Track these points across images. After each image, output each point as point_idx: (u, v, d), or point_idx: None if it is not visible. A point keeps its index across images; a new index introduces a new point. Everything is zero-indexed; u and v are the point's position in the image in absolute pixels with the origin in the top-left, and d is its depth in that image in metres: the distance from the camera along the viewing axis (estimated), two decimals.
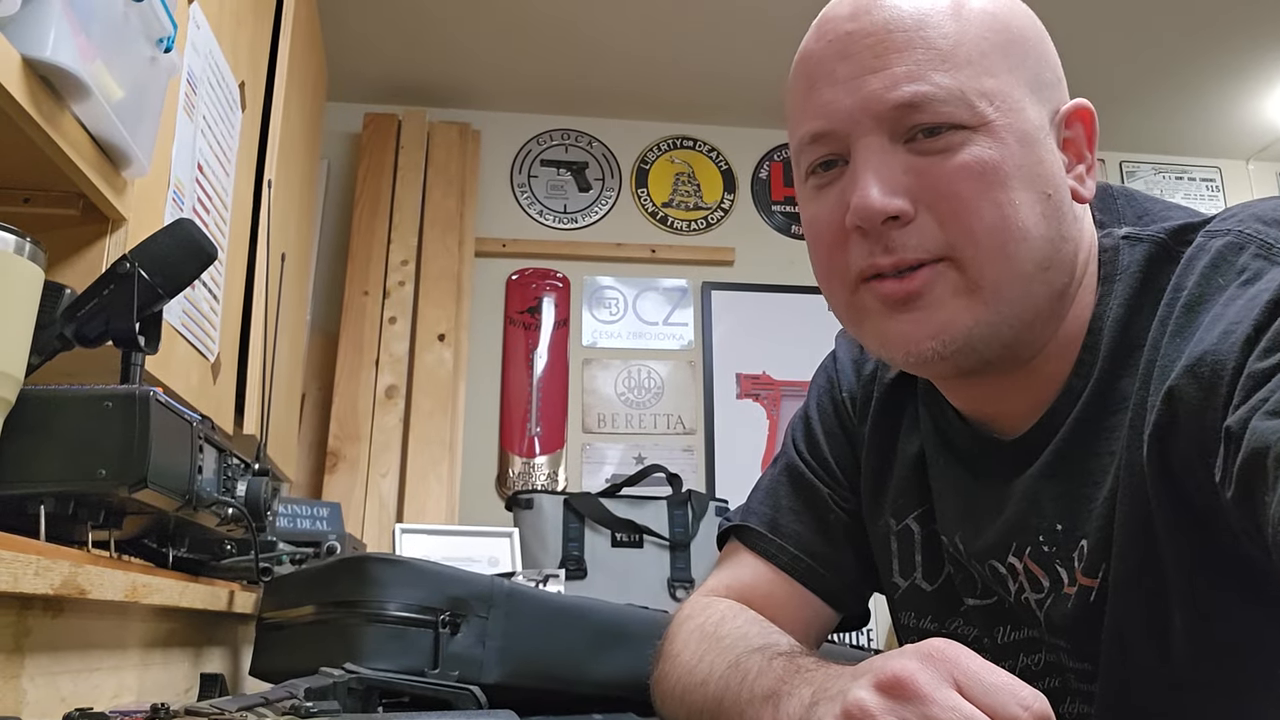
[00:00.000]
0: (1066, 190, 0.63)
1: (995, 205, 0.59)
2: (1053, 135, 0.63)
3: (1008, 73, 0.61)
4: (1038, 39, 0.65)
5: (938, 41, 0.60)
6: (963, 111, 0.59)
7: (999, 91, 0.60)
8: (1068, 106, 0.65)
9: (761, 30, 2.79)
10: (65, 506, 0.70)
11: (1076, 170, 0.64)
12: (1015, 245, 0.60)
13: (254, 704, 0.53)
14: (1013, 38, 0.62)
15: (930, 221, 0.61)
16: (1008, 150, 0.60)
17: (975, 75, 0.60)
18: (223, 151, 1.44)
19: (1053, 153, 0.63)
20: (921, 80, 0.59)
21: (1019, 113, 0.61)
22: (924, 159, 0.60)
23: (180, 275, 0.84)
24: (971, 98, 0.59)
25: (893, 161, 0.61)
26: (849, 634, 1.47)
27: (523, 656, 0.82)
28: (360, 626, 0.77)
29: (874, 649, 0.58)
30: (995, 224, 0.59)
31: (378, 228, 2.88)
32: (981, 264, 0.60)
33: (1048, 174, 0.61)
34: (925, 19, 0.61)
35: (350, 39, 2.78)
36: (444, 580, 0.81)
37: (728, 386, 3.10)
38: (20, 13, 0.74)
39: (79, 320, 0.79)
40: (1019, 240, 0.60)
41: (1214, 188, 3.59)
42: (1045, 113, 0.63)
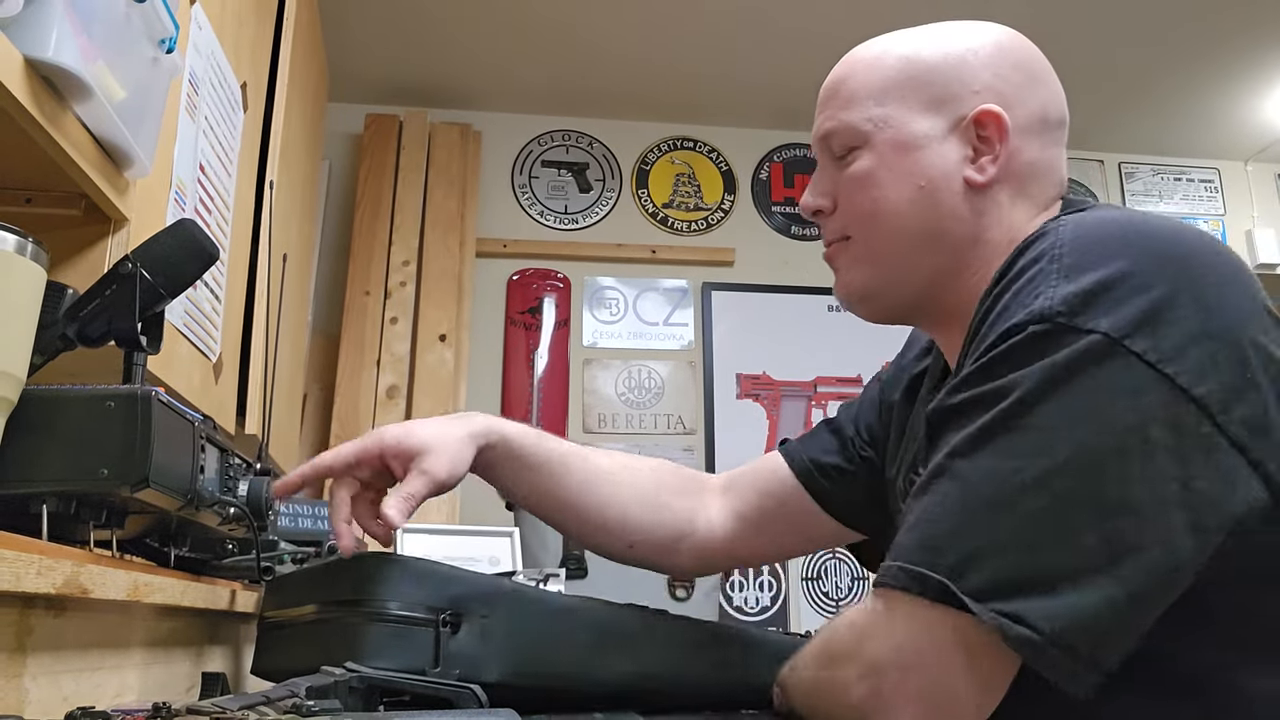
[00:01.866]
0: (954, 180, 0.78)
1: (869, 199, 0.80)
2: (953, 137, 0.78)
3: (898, 100, 0.79)
4: (948, 66, 0.79)
5: (849, 88, 0.82)
6: (854, 137, 0.81)
7: (883, 115, 0.79)
8: (974, 112, 0.77)
9: (761, 31, 2.79)
10: (67, 506, 0.70)
11: (980, 162, 0.78)
12: (884, 225, 0.79)
13: (255, 703, 0.53)
14: (912, 73, 0.80)
15: (838, 214, 0.83)
16: (882, 159, 0.79)
17: (867, 107, 0.80)
18: (224, 152, 1.44)
19: (939, 153, 0.78)
20: (831, 120, 0.82)
21: (899, 128, 0.79)
22: (840, 172, 0.82)
23: (182, 275, 0.85)
24: (859, 125, 0.80)
25: (826, 175, 0.84)
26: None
27: (524, 656, 0.82)
28: (361, 626, 0.77)
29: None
30: (869, 211, 0.80)
31: (379, 228, 2.89)
32: (864, 240, 0.81)
33: (923, 170, 0.78)
34: (849, 76, 0.83)
35: (352, 40, 2.78)
36: (445, 580, 0.81)
37: (728, 387, 3.10)
38: (22, 13, 0.74)
39: (81, 320, 0.80)
40: (888, 221, 0.79)
41: (1213, 189, 3.59)
42: (942, 122, 0.78)
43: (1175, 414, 0.57)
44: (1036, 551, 0.56)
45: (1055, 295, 0.60)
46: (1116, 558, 0.55)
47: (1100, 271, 0.60)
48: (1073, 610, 0.55)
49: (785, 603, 2.96)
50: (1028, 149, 0.79)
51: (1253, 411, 0.58)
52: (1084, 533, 0.56)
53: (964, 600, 0.55)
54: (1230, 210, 3.57)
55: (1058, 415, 0.58)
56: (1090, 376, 0.58)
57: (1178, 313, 0.59)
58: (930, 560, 0.58)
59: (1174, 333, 0.58)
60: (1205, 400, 0.57)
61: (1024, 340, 0.60)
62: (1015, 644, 0.54)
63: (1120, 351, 0.58)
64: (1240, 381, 0.58)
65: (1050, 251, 0.63)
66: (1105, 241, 0.62)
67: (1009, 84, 0.79)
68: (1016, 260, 0.66)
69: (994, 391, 0.60)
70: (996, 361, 0.61)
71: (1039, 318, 0.60)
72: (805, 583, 3.00)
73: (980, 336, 0.65)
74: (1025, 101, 0.80)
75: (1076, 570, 0.55)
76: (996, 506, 0.57)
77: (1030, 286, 0.62)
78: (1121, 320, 0.58)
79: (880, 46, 0.84)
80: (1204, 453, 0.57)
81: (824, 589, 3.00)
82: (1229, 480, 0.57)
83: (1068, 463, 0.57)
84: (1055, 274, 0.62)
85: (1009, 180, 0.78)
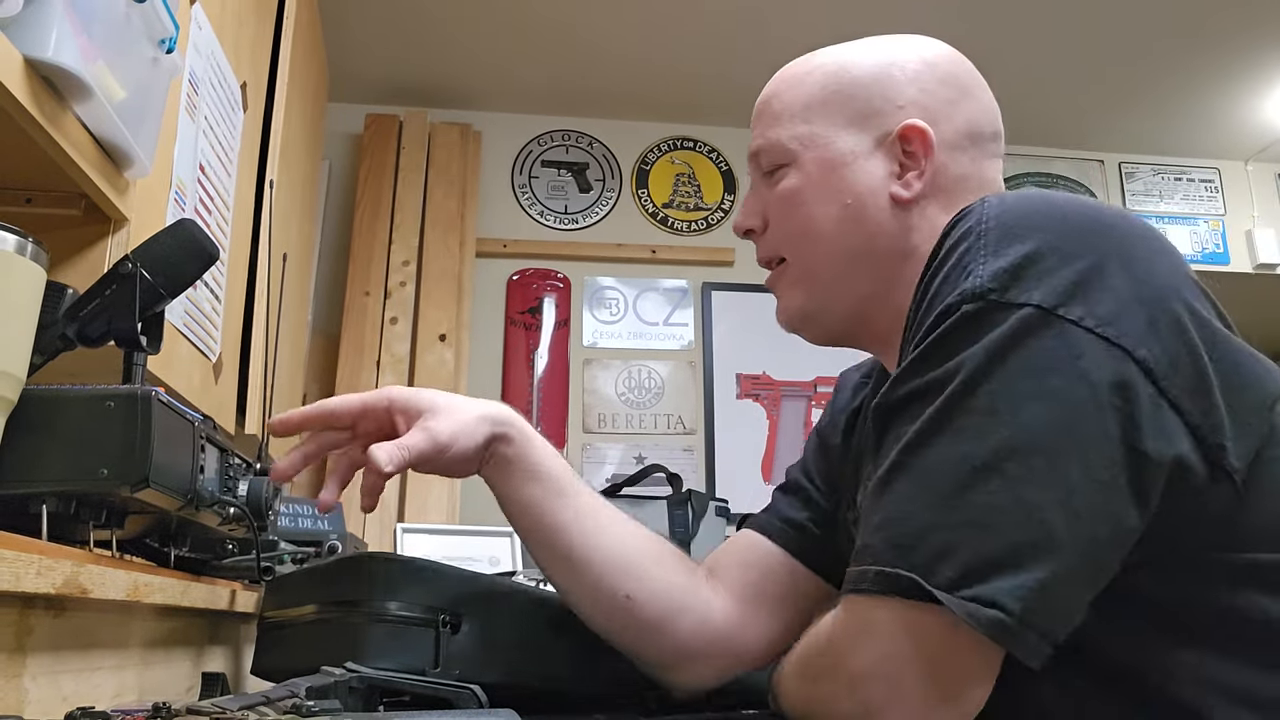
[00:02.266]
0: (880, 196, 0.78)
1: (798, 218, 0.80)
2: (879, 153, 0.78)
3: (823, 118, 0.80)
4: (873, 82, 0.80)
5: (775, 107, 0.83)
6: (782, 155, 0.81)
7: (809, 134, 0.80)
8: (899, 127, 0.77)
9: (761, 31, 2.79)
10: (67, 506, 0.70)
11: (906, 177, 0.78)
12: (815, 245, 0.80)
13: (255, 703, 0.53)
14: (837, 89, 0.80)
15: (769, 233, 0.83)
16: (808, 177, 0.79)
17: (793, 125, 0.81)
18: (224, 152, 1.44)
19: (864, 170, 0.78)
20: (760, 138, 0.83)
21: (825, 145, 0.79)
22: (769, 190, 0.82)
23: (182, 275, 0.85)
24: (786, 142, 0.81)
25: (756, 194, 0.85)
26: None
27: (524, 656, 0.82)
28: (361, 626, 0.77)
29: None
30: (798, 231, 0.80)
31: (379, 228, 2.89)
32: (797, 261, 0.82)
33: (849, 186, 0.78)
34: (775, 94, 0.83)
35: (352, 40, 2.78)
36: (445, 579, 0.81)
37: (728, 387, 3.10)
38: (22, 13, 0.74)
39: (81, 320, 0.80)
40: (818, 240, 0.79)
41: (1213, 189, 3.59)
42: (867, 138, 0.79)
43: (1120, 375, 0.57)
44: (998, 532, 0.55)
45: (984, 272, 0.60)
46: (1073, 527, 0.55)
47: (1027, 244, 0.60)
48: (1039, 583, 0.54)
49: None
50: (956, 163, 0.79)
51: (1191, 375, 0.58)
52: (1042, 510, 0.55)
53: (935, 594, 0.55)
54: (1230, 210, 3.57)
55: (1002, 394, 0.57)
56: (1028, 350, 0.57)
57: (1109, 279, 0.59)
58: (898, 559, 0.57)
59: (1108, 298, 0.58)
60: (1148, 362, 0.57)
61: (958, 321, 0.60)
62: (987, 628, 0.54)
63: (1055, 321, 0.57)
64: (1178, 345, 0.58)
65: (976, 229, 0.62)
66: (1030, 215, 0.62)
67: (935, 99, 0.79)
68: (944, 242, 0.65)
69: (937, 380, 0.60)
70: (934, 346, 0.61)
71: (971, 296, 0.59)
72: None
73: (918, 323, 0.64)
74: (952, 116, 0.79)
75: (1036, 547, 0.55)
76: (955, 495, 0.57)
77: (959, 266, 0.62)
78: (1053, 290, 0.58)
79: (809, 63, 0.84)
80: (1149, 414, 0.57)
81: None
82: (1170, 442, 0.57)
83: (1017, 440, 0.56)
84: (982, 250, 0.61)
85: (937, 195, 0.77)
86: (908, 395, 0.62)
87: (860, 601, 0.60)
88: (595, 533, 0.83)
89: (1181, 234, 3.51)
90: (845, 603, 0.62)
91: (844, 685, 0.61)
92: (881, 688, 0.58)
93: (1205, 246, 3.51)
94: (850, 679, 0.60)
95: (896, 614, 0.57)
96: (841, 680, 0.61)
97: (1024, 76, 2.99)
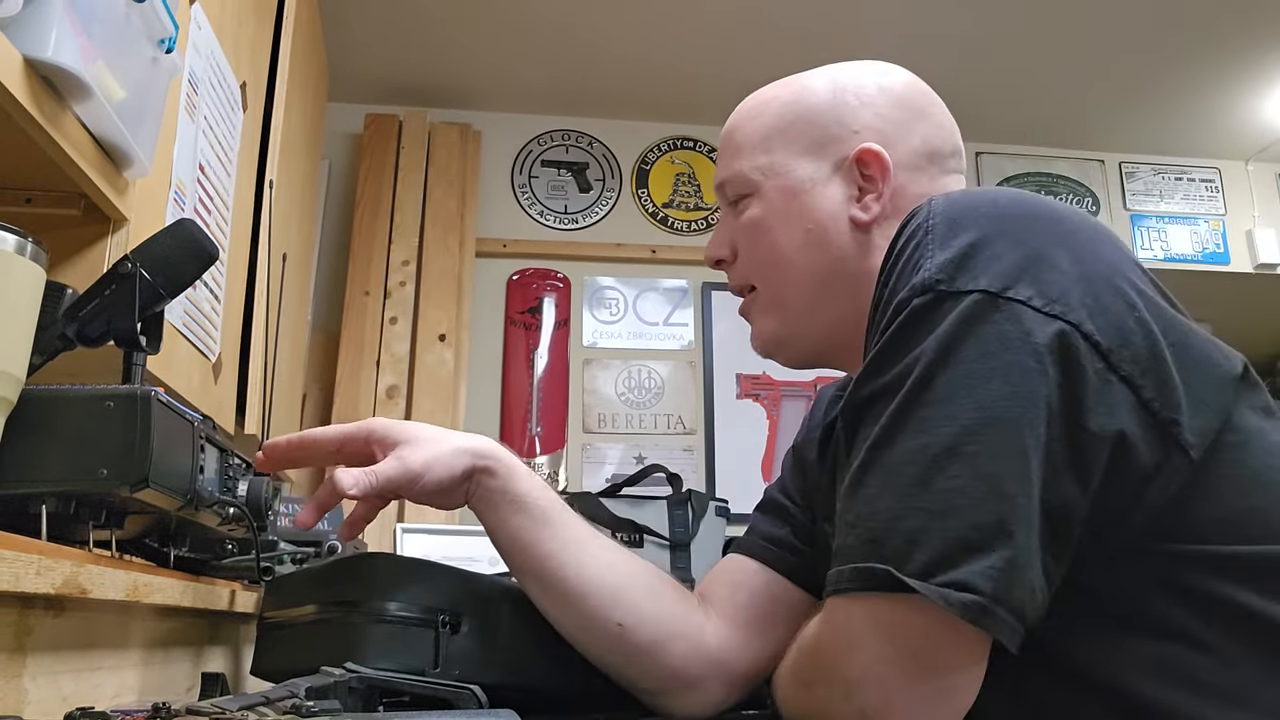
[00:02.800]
0: (840, 220, 0.80)
1: (761, 247, 0.83)
2: (837, 178, 0.81)
3: (782, 147, 0.83)
4: (829, 109, 0.82)
5: (736, 139, 0.86)
6: (744, 185, 0.84)
7: (769, 164, 0.83)
8: (855, 151, 0.80)
9: (761, 31, 2.79)
10: (67, 506, 0.70)
11: (865, 200, 0.80)
12: (782, 272, 0.82)
13: (255, 703, 0.53)
14: (794, 118, 0.83)
15: (739, 262, 0.86)
16: (771, 205, 0.82)
17: (754, 156, 0.84)
18: (224, 152, 1.44)
19: (823, 195, 0.81)
20: (725, 169, 0.86)
21: (785, 174, 0.82)
22: (736, 220, 0.85)
23: (182, 275, 0.84)
24: (748, 173, 0.84)
25: (725, 223, 0.87)
26: None
27: (524, 656, 0.82)
28: (361, 626, 0.77)
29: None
30: (765, 259, 0.83)
31: (379, 228, 2.88)
32: (768, 288, 0.84)
33: (809, 212, 0.81)
34: (737, 127, 0.86)
35: (351, 40, 2.78)
36: (445, 580, 0.81)
37: (728, 386, 3.10)
38: (22, 13, 0.74)
39: (81, 320, 0.79)
40: (784, 268, 0.82)
41: (1213, 188, 3.59)
42: (825, 164, 0.81)
43: (1068, 350, 0.57)
44: (964, 514, 0.56)
45: (932, 265, 0.61)
46: (1031, 498, 0.56)
47: (972, 233, 0.61)
48: (1006, 562, 0.55)
49: None
50: (915, 182, 0.80)
51: (1143, 349, 0.59)
52: (1003, 483, 0.56)
53: (910, 583, 0.55)
54: (1231, 210, 3.57)
55: (956, 381, 0.58)
56: (978, 334, 0.58)
57: (1054, 260, 0.60)
58: (875, 554, 0.58)
59: (1055, 278, 0.59)
60: (1094, 336, 0.58)
61: (910, 315, 0.61)
62: (962, 611, 0.54)
63: (1004, 303, 0.58)
64: (1128, 320, 0.59)
65: (924, 225, 0.64)
66: (975, 206, 0.63)
67: (889, 122, 0.81)
68: (895, 243, 0.66)
69: (897, 375, 0.61)
70: (890, 344, 0.62)
71: (920, 289, 0.61)
72: None
73: (875, 323, 0.66)
74: (907, 137, 0.81)
75: (1002, 523, 0.55)
76: (919, 484, 0.57)
77: (909, 263, 0.63)
78: (999, 274, 0.59)
79: (769, 94, 0.86)
80: (1095, 389, 0.57)
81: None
82: (1114, 417, 0.57)
83: (974, 421, 0.57)
84: (930, 245, 0.62)
85: (897, 215, 0.77)
86: (871, 395, 0.63)
87: (841, 603, 0.60)
88: (584, 562, 0.81)
89: (1182, 234, 3.51)
90: (828, 605, 0.62)
91: (838, 690, 0.61)
92: (875, 691, 0.58)
93: (1205, 246, 3.51)
94: (844, 684, 0.60)
95: (876, 610, 0.58)
96: (836, 685, 0.61)
97: (1024, 76, 2.99)
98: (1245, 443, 0.61)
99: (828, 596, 0.61)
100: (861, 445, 0.62)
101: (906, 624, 0.57)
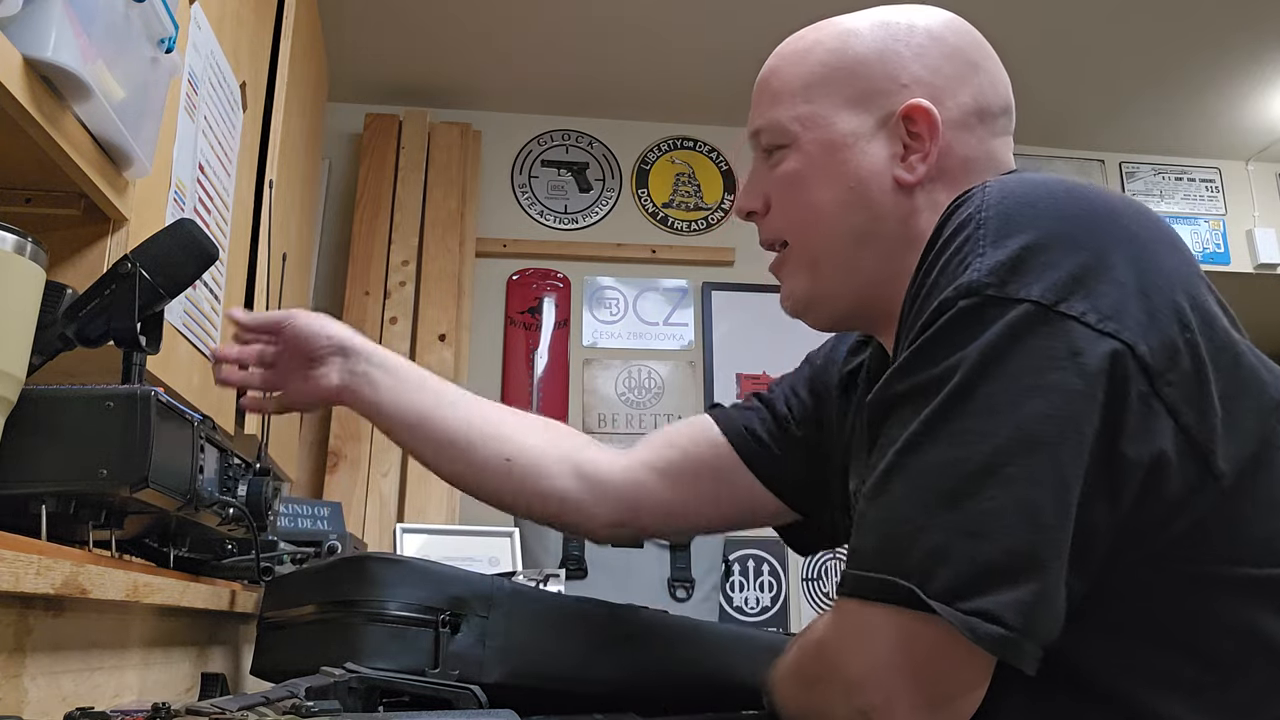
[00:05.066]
0: (883, 179, 0.75)
1: (797, 203, 0.78)
2: (882, 134, 0.76)
3: (824, 97, 0.77)
4: (876, 59, 0.77)
5: (774, 85, 0.80)
6: (781, 135, 0.79)
7: (809, 114, 0.77)
8: (904, 107, 0.75)
9: (761, 30, 2.79)
10: (66, 506, 0.70)
11: (910, 160, 0.75)
12: (818, 230, 0.77)
13: (255, 703, 0.53)
14: (839, 67, 0.77)
15: (771, 215, 0.81)
16: (809, 159, 0.77)
17: (793, 104, 0.78)
18: (224, 152, 1.44)
19: (866, 152, 0.76)
20: (760, 117, 0.81)
21: (826, 127, 0.77)
22: (769, 171, 0.80)
23: (181, 275, 0.84)
24: (786, 123, 0.78)
25: (756, 174, 0.82)
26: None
27: (523, 656, 0.82)
28: (361, 626, 0.77)
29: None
30: (800, 215, 0.78)
31: (379, 228, 2.89)
32: (802, 246, 0.79)
33: (851, 170, 0.76)
34: (775, 71, 0.81)
35: (351, 40, 2.78)
36: (445, 580, 0.81)
37: (728, 386, 3.10)
38: (22, 13, 0.74)
39: (80, 320, 0.79)
40: (820, 226, 0.77)
41: (1214, 188, 3.59)
42: (870, 119, 0.76)
43: (1117, 369, 0.55)
44: (996, 539, 0.54)
45: (982, 265, 0.58)
46: (1065, 524, 0.54)
47: (1027, 234, 0.58)
48: (1036, 595, 0.53)
49: (785, 603, 2.96)
50: (963, 143, 0.75)
51: (1189, 372, 0.57)
52: (1041, 511, 0.54)
53: (933, 605, 0.54)
54: (1231, 210, 3.57)
55: (999, 394, 0.55)
56: (1026, 348, 0.56)
57: (1112, 271, 0.57)
58: (894, 566, 0.56)
59: (1110, 290, 0.56)
60: (1146, 357, 0.55)
61: (955, 317, 0.58)
62: (987, 644, 0.53)
63: (1054, 317, 0.55)
64: (1179, 342, 0.57)
65: (976, 217, 0.60)
66: (1032, 203, 0.60)
67: (940, 75, 0.76)
68: (943, 229, 0.62)
69: (934, 379, 0.58)
70: (931, 343, 0.59)
71: (967, 291, 0.58)
72: (805, 583, 2.99)
73: (915, 314, 0.62)
74: (958, 93, 0.76)
75: (1035, 552, 0.53)
76: (951, 500, 0.55)
77: (958, 257, 0.60)
78: (1053, 284, 0.56)
79: (810, 38, 0.81)
80: (1136, 413, 0.55)
81: (824, 589, 3.00)
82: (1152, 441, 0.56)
83: (1012, 443, 0.55)
84: (981, 241, 0.59)
85: (943, 177, 0.75)
86: (903, 393, 0.60)
87: (855, 606, 0.59)
88: (471, 412, 0.94)
89: (1182, 234, 3.48)
90: (839, 606, 0.61)
91: (840, 691, 0.60)
92: (878, 695, 0.57)
93: (1206, 246, 3.51)
94: (846, 685, 0.59)
95: (892, 621, 0.56)
96: (837, 686, 0.60)
97: (1024, 76, 2.98)
98: (1275, 463, 0.59)
99: (840, 597, 0.60)
100: (888, 446, 0.59)
101: (922, 639, 0.56)
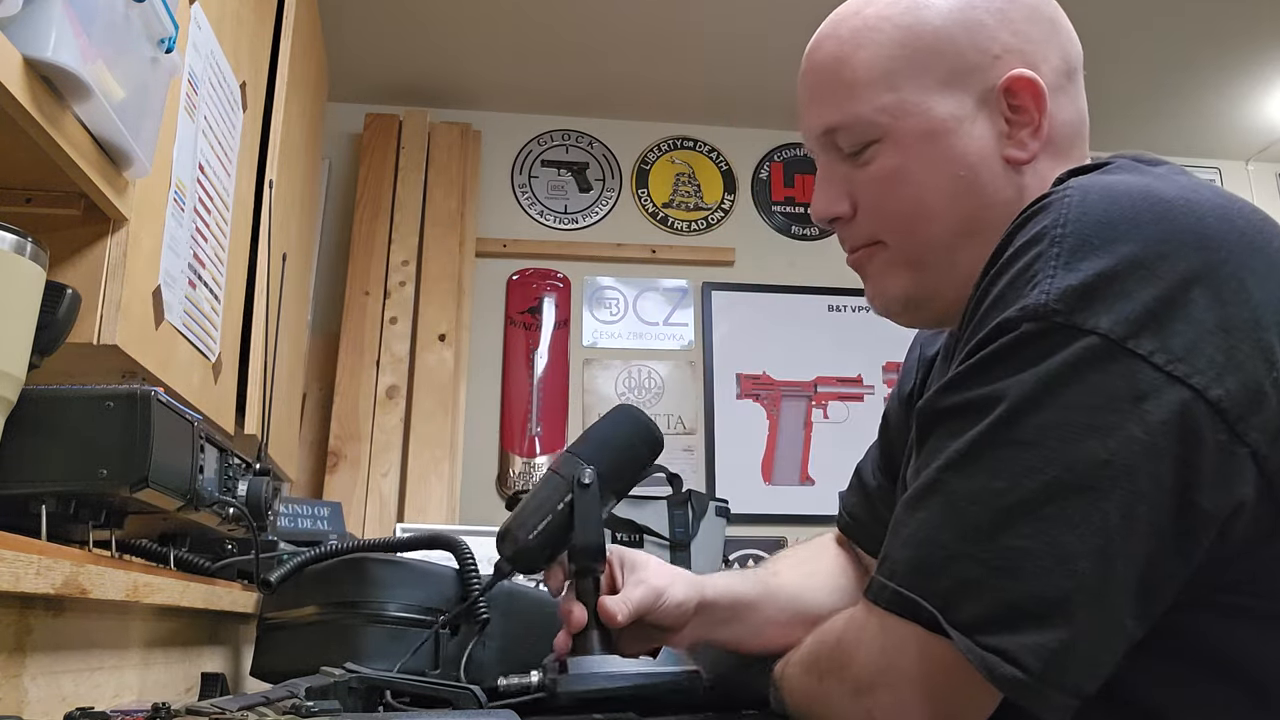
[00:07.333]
0: (993, 161, 0.70)
1: (901, 200, 0.71)
2: (982, 114, 0.70)
3: (910, 81, 0.70)
4: (960, 31, 0.70)
5: (845, 75, 0.72)
6: (868, 130, 0.71)
7: (898, 103, 0.70)
8: (1004, 80, 0.69)
9: (761, 30, 2.79)
10: (67, 506, 0.70)
11: (1019, 136, 0.70)
12: (925, 226, 0.71)
13: (255, 703, 0.53)
14: (920, 46, 0.70)
15: (863, 218, 0.74)
16: (909, 151, 0.70)
17: (876, 94, 0.71)
18: (224, 152, 1.44)
19: (971, 135, 0.70)
20: (832, 112, 0.73)
21: (921, 114, 0.70)
22: (855, 170, 0.73)
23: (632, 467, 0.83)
24: (871, 116, 0.71)
25: (835, 174, 0.75)
26: None
27: (522, 656, 0.82)
28: (361, 626, 0.77)
29: None
30: (904, 215, 0.71)
31: (379, 228, 2.88)
32: (901, 245, 0.73)
33: (959, 156, 0.69)
34: (842, 60, 0.72)
35: (351, 40, 2.78)
36: (444, 580, 0.81)
37: (728, 386, 3.10)
38: (22, 13, 0.74)
39: None
40: (927, 221, 0.71)
41: None
42: (968, 98, 0.70)
43: (1187, 420, 0.51)
44: (1026, 580, 0.52)
45: (1052, 288, 0.54)
46: (1109, 578, 0.52)
47: (1103, 259, 0.54)
48: (1062, 644, 0.51)
49: None
50: (1061, 107, 0.72)
51: (1274, 416, 0.53)
52: (1076, 559, 0.51)
53: (953, 636, 0.53)
54: None
55: (1050, 429, 0.53)
56: (1086, 384, 0.52)
57: (1191, 306, 0.53)
58: (922, 586, 0.55)
59: (1186, 329, 0.52)
60: (1222, 402, 0.52)
61: (1016, 340, 0.55)
62: (1001, 684, 0.52)
63: (1122, 354, 0.52)
64: (1264, 383, 0.53)
65: (1051, 231, 0.56)
66: (1113, 221, 0.55)
67: (1028, 40, 0.70)
68: (1015, 235, 0.59)
69: (985, 398, 0.55)
70: (987, 362, 0.56)
71: (1033, 314, 0.54)
72: None
73: (975, 324, 0.59)
74: (1048, 55, 0.71)
75: (1066, 600, 0.51)
76: (988, 532, 0.53)
77: (1028, 273, 0.56)
78: (1124, 318, 0.52)
79: (873, 15, 0.73)
80: (1213, 462, 0.52)
81: None
82: (1231, 489, 0.53)
83: (1058, 481, 0.52)
84: (1055, 259, 0.55)
85: (1047, 147, 0.71)
86: (954, 408, 0.58)
87: (878, 613, 0.58)
88: (784, 598, 0.90)
89: None
90: (863, 607, 0.61)
91: (849, 688, 0.60)
92: (886, 700, 0.57)
93: None
94: (857, 684, 0.59)
95: (911, 636, 0.56)
96: (847, 682, 0.60)
97: None
98: None
99: (866, 599, 0.60)
100: (932, 460, 0.58)
101: (937, 660, 0.55)
